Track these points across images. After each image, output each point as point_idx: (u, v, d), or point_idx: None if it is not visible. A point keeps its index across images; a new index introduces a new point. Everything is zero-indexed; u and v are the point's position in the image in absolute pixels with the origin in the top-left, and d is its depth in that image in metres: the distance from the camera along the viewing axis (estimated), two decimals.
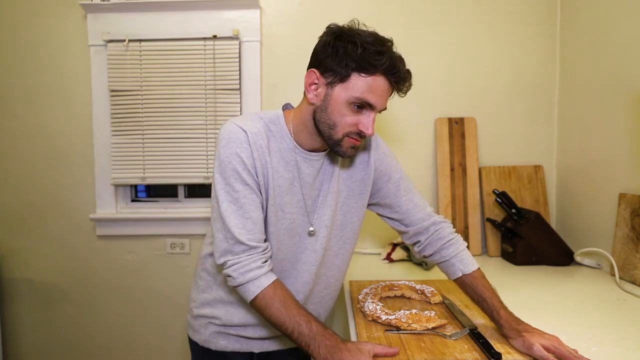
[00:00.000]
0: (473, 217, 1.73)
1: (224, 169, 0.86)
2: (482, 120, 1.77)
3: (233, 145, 0.86)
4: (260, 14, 1.77)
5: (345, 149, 0.87)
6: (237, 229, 0.85)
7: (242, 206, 0.86)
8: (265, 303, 0.84)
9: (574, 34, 1.65)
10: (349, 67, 0.81)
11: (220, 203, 0.87)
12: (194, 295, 1.06)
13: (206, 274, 1.03)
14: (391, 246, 1.67)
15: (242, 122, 0.88)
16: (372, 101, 0.83)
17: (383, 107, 0.86)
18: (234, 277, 0.85)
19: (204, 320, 1.02)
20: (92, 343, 1.91)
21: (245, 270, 0.85)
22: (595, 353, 0.85)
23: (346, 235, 1.02)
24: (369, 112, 0.85)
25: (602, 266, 1.46)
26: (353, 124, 0.85)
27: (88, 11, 1.76)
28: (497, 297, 0.94)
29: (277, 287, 0.86)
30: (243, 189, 0.87)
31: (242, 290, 0.86)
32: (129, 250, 1.87)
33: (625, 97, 1.36)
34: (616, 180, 1.42)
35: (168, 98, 1.78)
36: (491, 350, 0.81)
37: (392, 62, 0.81)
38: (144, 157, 1.80)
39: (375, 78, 0.81)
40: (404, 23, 1.76)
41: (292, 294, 0.88)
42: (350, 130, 0.85)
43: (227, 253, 0.86)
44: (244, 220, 0.86)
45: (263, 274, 0.86)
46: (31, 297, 1.90)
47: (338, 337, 0.81)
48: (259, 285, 0.84)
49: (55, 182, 1.85)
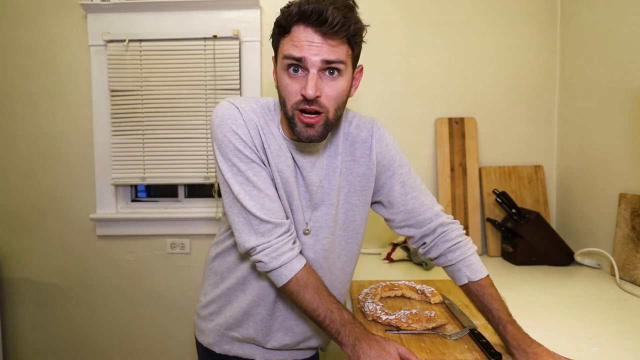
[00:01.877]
0: (473, 217, 1.73)
1: (225, 150, 0.82)
2: (483, 120, 1.77)
3: (228, 122, 0.82)
4: (260, 14, 1.77)
5: (299, 127, 0.79)
6: (257, 209, 0.81)
7: (254, 185, 0.82)
8: (299, 288, 0.81)
9: (574, 34, 1.65)
10: (276, 35, 0.81)
11: (231, 186, 0.82)
12: (201, 296, 1.04)
13: (213, 274, 1.00)
14: (391, 246, 1.67)
15: (235, 100, 0.85)
16: (296, 54, 0.75)
17: (318, 57, 0.75)
18: (266, 262, 0.81)
19: (209, 323, 0.99)
20: (92, 343, 1.91)
21: (278, 254, 0.81)
22: (595, 353, 0.85)
23: (349, 235, 0.95)
24: (305, 73, 0.77)
25: (602, 266, 1.46)
26: (296, 92, 0.78)
27: (88, 11, 1.76)
28: (506, 309, 0.85)
29: (310, 271, 0.84)
30: (248, 168, 0.82)
31: (274, 275, 0.82)
32: (129, 250, 1.87)
33: (625, 97, 1.36)
34: (616, 180, 1.41)
35: (168, 98, 1.78)
36: (491, 350, 0.81)
37: (303, 8, 0.74)
38: (144, 157, 1.80)
39: (293, 31, 0.76)
40: (404, 23, 1.76)
41: (322, 280, 0.85)
42: (295, 100, 0.78)
43: (252, 236, 0.82)
44: (262, 198, 0.82)
45: (295, 256, 0.83)
46: (31, 297, 1.90)
47: (366, 328, 0.81)
48: (292, 269, 0.81)
49: (56, 182, 1.85)
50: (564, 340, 0.91)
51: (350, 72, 0.82)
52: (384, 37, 1.76)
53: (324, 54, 0.75)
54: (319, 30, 0.74)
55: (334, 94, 0.79)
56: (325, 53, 0.75)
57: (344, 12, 0.74)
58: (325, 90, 0.78)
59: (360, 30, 0.79)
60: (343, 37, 0.76)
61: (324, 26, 0.73)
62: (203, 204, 1.90)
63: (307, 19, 0.74)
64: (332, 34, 0.74)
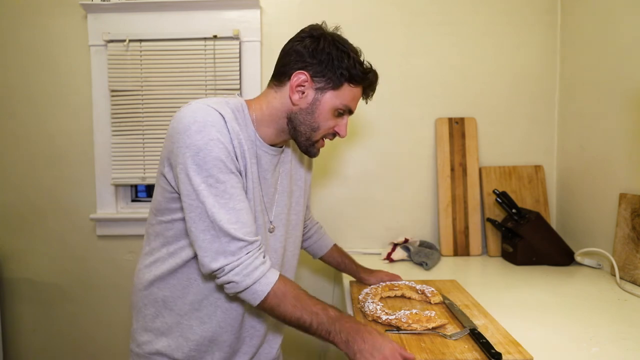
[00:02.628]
0: (473, 217, 1.73)
1: (204, 159, 0.75)
2: (483, 120, 1.77)
3: (212, 130, 0.76)
4: (260, 14, 1.77)
5: (317, 149, 0.93)
6: (231, 225, 0.76)
7: (231, 197, 0.77)
8: (278, 301, 0.77)
9: (574, 34, 1.65)
10: (342, 77, 0.86)
11: (204, 199, 0.75)
12: (136, 334, 0.92)
13: (152, 303, 0.90)
14: (391, 246, 1.67)
15: (215, 105, 0.80)
16: (353, 108, 0.91)
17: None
18: (238, 282, 0.76)
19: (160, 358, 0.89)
20: (92, 343, 1.91)
21: (250, 270, 0.76)
22: (595, 353, 0.85)
23: (297, 234, 1.04)
24: (346, 117, 0.92)
25: (602, 266, 1.46)
26: (331, 127, 0.91)
27: (88, 11, 1.76)
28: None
29: (285, 280, 0.80)
30: (229, 179, 0.78)
31: (249, 294, 0.77)
32: (129, 250, 1.87)
33: (626, 97, 1.36)
34: (616, 180, 1.41)
35: (168, 98, 1.78)
36: (491, 350, 0.80)
37: (375, 78, 0.92)
38: (144, 157, 1.80)
39: (359, 89, 0.90)
40: (404, 23, 1.76)
41: (299, 286, 0.82)
42: (328, 132, 0.91)
43: (220, 255, 0.76)
44: (237, 213, 0.77)
45: (268, 269, 0.79)
46: (31, 297, 1.90)
47: (356, 320, 0.80)
48: (268, 282, 0.77)
49: (56, 182, 1.86)
50: (564, 340, 0.91)
51: None
52: (384, 37, 1.76)
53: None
54: (363, 96, 0.94)
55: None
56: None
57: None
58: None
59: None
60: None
61: (369, 94, 0.94)
62: None
63: (371, 89, 0.93)
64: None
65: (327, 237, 1.27)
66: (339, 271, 1.30)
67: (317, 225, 1.26)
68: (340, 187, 1.82)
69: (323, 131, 0.90)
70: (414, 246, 1.64)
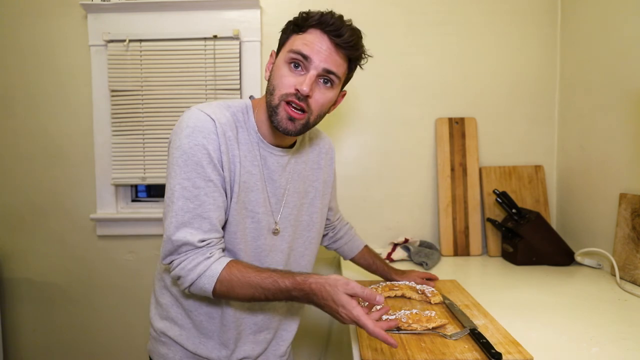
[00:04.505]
0: (473, 217, 1.73)
1: (186, 162, 0.78)
2: (483, 120, 1.77)
3: (199, 136, 0.78)
4: (260, 14, 1.77)
5: (280, 117, 0.82)
6: (190, 229, 0.78)
7: (201, 204, 0.79)
8: (226, 288, 0.78)
9: (574, 34, 1.65)
10: (288, 31, 0.86)
11: (175, 199, 0.78)
12: (156, 319, 0.97)
13: (168, 293, 0.96)
14: (391, 246, 1.67)
15: (210, 110, 0.81)
16: (305, 52, 0.80)
17: (323, 64, 0.81)
18: (184, 276, 0.79)
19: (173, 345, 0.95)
20: (93, 343, 1.91)
21: (193, 265, 0.78)
22: (595, 353, 0.85)
23: (312, 235, 1.03)
24: (304, 72, 0.82)
25: (602, 266, 1.46)
26: (290, 85, 0.81)
27: (88, 11, 1.76)
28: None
29: (232, 265, 0.79)
30: (205, 186, 0.79)
31: (196, 288, 0.79)
32: (129, 250, 1.87)
33: (625, 97, 1.36)
34: (617, 180, 1.41)
35: (168, 98, 1.78)
36: (491, 350, 0.80)
37: (325, 17, 0.81)
38: (145, 157, 1.80)
39: (309, 32, 0.82)
40: (404, 23, 1.76)
41: (248, 264, 0.82)
42: (286, 91, 0.81)
43: (172, 253, 0.79)
44: (201, 220, 0.79)
45: (213, 262, 0.79)
46: (31, 297, 1.90)
47: (309, 277, 0.76)
48: (212, 275, 0.78)
49: (56, 182, 1.86)
50: (564, 340, 0.91)
51: (338, 90, 0.89)
52: (384, 37, 1.76)
53: (328, 63, 0.81)
54: (332, 41, 0.81)
55: (322, 101, 0.85)
56: (329, 63, 0.82)
57: (357, 36, 0.84)
58: (316, 95, 0.83)
59: (361, 58, 0.88)
60: (348, 55, 0.84)
61: (338, 38, 0.80)
62: None
63: (326, 26, 0.80)
64: (341, 49, 0.82)
65: (357, 239, 1.25)
66: (371, 272, 1.28)
67: (347, 226, 1.25)
68: (340, 186, 1.81)
69: (279, 90, 0.82)
70: (414, 246, 1.64)
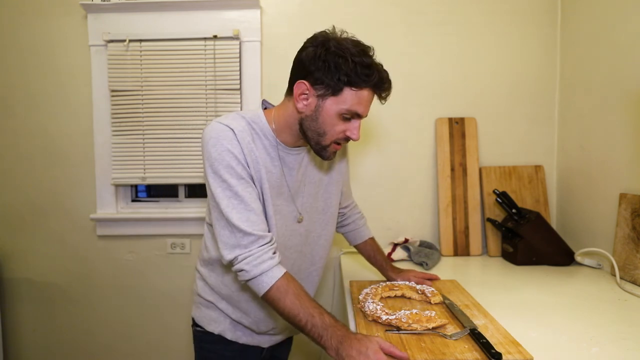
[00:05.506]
0: (473, 217, 1.73)
1: (217, 167, 0.88)
2: (483, 120, 1.77)
3: (223, 142, 0.89)
4: (260, 14, 1.77)
5: (329, 153, 0.95)
6: (242, 222, 0.87)
7: (242, 199, 0.89)
8: (280, 295, 0.85)
9: (574, 34, 1.65)
10: (341, 82, 0.86)
11: (219, 201, 0.88)
12: (205, 291, 1.10)
13: (215, 273, 1.08)
14: (391, 246, 1.67)
15: (227, 121, 0.92)
16: (360, 112, 0.90)
17: (367, 114, 0.94)
18: (247, 271, 0.86)
19: (218, 313, 1.08)
20: (93, 343, 1.92)
21: (259, 262, 0.86)
22: (595, 353, 0.85)
23: (327, 218, 1.12)
24: (356, 120, 0.92)
25: (602, 266, 1.46)
26: (341, 131, 0.92)
27: (88, 11, 1.76)
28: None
29: (289, 279, 0.88)
30: (238, 183, 0.89)
31: (255, 283, 0.87)
32: (129, 250, 1.87)
33: (625, 97, 1.36)
34: (617, 180, 1.41)
35: (168, 98, 1.78)
36: (491, 350, 0.80)
37: (380, 77, 0.89)
38: (145, 157, 1.80)
39: (364, 90, 0.89)
40: (404, 23, 1.76)
41: (302, 286, 0.89)
42: (338, 137, 0.93)
43: (235, 247, 0.87)
44: (247, 212, 0.88)
45: (275, 265, 0.88)
46: (31, 297, 1.90)
47: (348, 328, 0.83)
48: (273, 276, 0.86)
49: (56, 182, 1.86)
50: (564, 340, 0.91)
51: None
52: (384, 37, 1.76)
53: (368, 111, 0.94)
54: (376, 95, 0.93)
55: None
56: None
57: (391, 85, 0.93)
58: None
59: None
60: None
61: (381, 94, 0.92)
62: (203, 203, 1.90)
63: (379, 89, 0.90)
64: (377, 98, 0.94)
65: (364, 229, 1.30)
66: (370, 264, 1.32)
67: (358, 215, 1.30)
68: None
69: (331, 136, 0.92)
70: (414, 246, 1.64)
